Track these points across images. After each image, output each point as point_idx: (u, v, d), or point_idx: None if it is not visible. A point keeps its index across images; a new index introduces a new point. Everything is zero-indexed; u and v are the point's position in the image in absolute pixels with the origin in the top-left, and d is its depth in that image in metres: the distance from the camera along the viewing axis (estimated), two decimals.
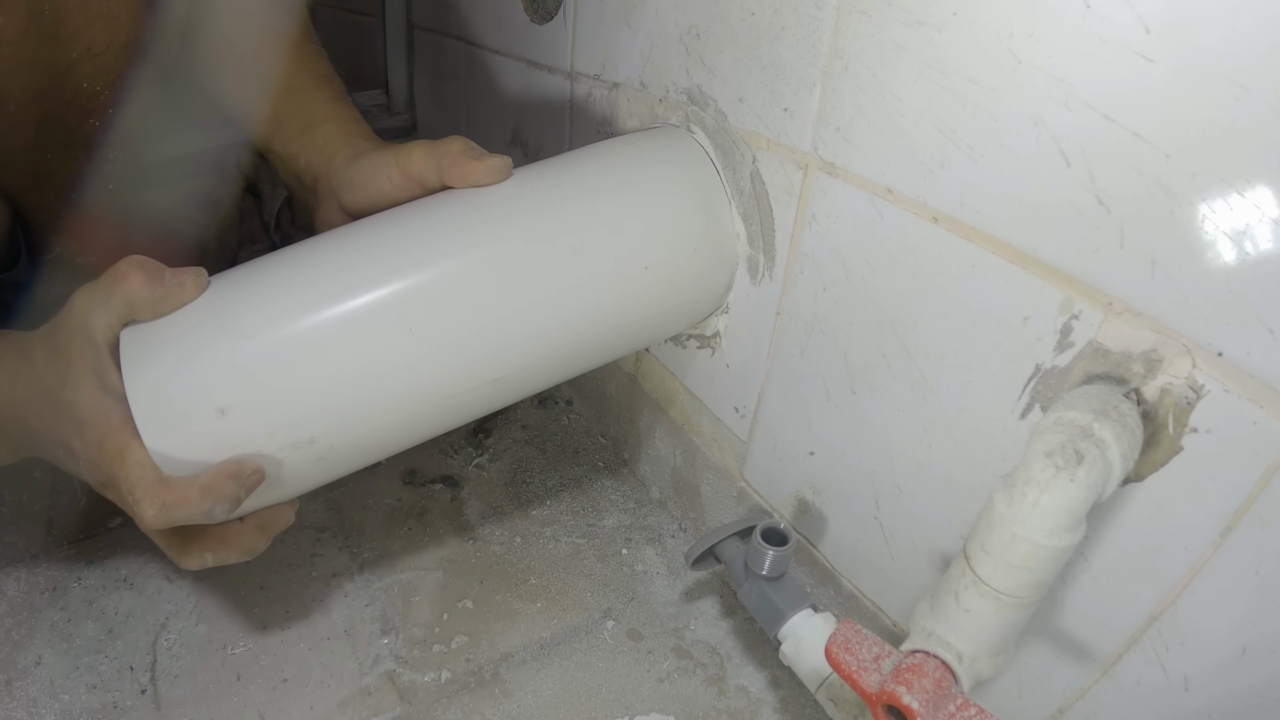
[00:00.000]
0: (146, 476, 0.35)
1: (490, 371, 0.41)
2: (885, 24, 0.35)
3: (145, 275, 0.36)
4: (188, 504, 0.35)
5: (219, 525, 0.39)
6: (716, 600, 0.57)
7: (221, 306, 0.38)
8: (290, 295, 0.38)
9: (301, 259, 0.40)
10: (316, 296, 0.38)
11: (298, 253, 0.40)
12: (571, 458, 0.70)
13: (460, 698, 0.49)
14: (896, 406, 0.40)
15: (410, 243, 0.40)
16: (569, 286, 0.41)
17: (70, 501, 0.61)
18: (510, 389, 0.43)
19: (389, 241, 0.40)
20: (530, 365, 0.42)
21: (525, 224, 0.41)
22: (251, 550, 0.40)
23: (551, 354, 0.42)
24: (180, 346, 0.36)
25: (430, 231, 0.40)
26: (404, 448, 0.43)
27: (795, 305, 0.45)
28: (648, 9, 0.50)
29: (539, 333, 0.41)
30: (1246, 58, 0.24)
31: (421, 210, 0.42)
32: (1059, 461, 0.27)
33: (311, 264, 0.40)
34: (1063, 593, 0.34)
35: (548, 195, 0.43)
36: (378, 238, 0.40)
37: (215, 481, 0.35)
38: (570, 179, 0.44)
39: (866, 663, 0.32)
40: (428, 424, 0.42)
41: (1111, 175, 0.28)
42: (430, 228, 0.41)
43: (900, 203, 0.37)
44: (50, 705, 0.46)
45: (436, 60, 0.88)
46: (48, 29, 0.48)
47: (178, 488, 0.35)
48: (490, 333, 0.40)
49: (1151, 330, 0.28)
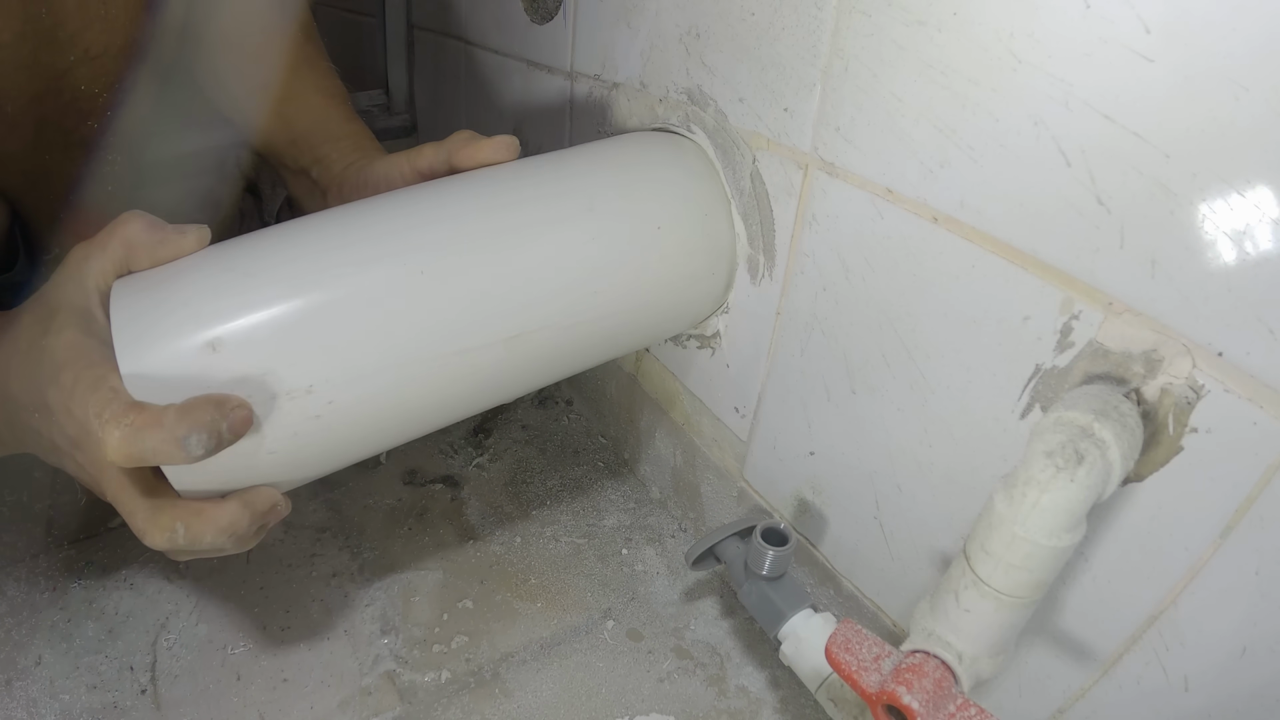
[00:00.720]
0: (118, 399, 0.31)
1: (503, 326, 0.39)
2: (885, 24, 0.35)
3: (146, 221, 0.35)
4: (159, 428, 0.30)
5: (190, 499, 0.35)
6: (716, 600, 0.57)
7: (225, 252, 0.36)
8: (295, 243, 0.37)
9: (309, 221, 0.39)
10: (324, 243, 0.37)
11: (305, 219, 0.40)
12: (571, 458, 0.70)
13: (460, 698, 0.49)
14: (896, 406, 0.40)
15: (422, 203, 0.40)
16: (577, 260, 0.41)
17: (70, 501, 0.61)
18: (523, 359, 0.41)
19: (402, 203, 0.40)
20: (542, 327, 0.40)
21: (534, 189, 0.42)
22: (232, 529, 0.34)
23: (560, 320, 0.41)
24: (175, 282, 0.34)
25: (441, 193, 0.41)
26: (408, 427, 0.40)
27: (795, 305, 0.45)
28: (648, 9, 0.50)
29: (551, 294, 0.40)
30: (1246, 58, 0.24)
31: (434, 183, 0.42)
32: (1059, 461, 0.27)
33: (320, 221, 0.39)
34: (1063, 593, 0.34)
35: (552, 173, 0.43)
36: (390, 200, 0.40)
37: (194, 405, 0.31)
38: (570, 173, 0.44)
39: (866, 663, 0.32)
40: (437, 392, 0.39)
41: (1111, 175, 0.28)
42: (440, 190, 0.41)
43: (900, 203, 0.37)
44: (50, 705, 0.46)
45: (436, 60, 0.88)
46: (45, 32, 0.48)
47: (150, 410, 0.31)
48: (504, 281, 0.39)
49: (1152, 330, 0.28)
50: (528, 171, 0.43)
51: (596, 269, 0.42)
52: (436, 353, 0.38)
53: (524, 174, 0.43)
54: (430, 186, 0.42)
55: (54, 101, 0.52)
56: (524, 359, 0.41)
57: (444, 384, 0.39)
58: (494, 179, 0.42)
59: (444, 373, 0.38)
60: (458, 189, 0.41)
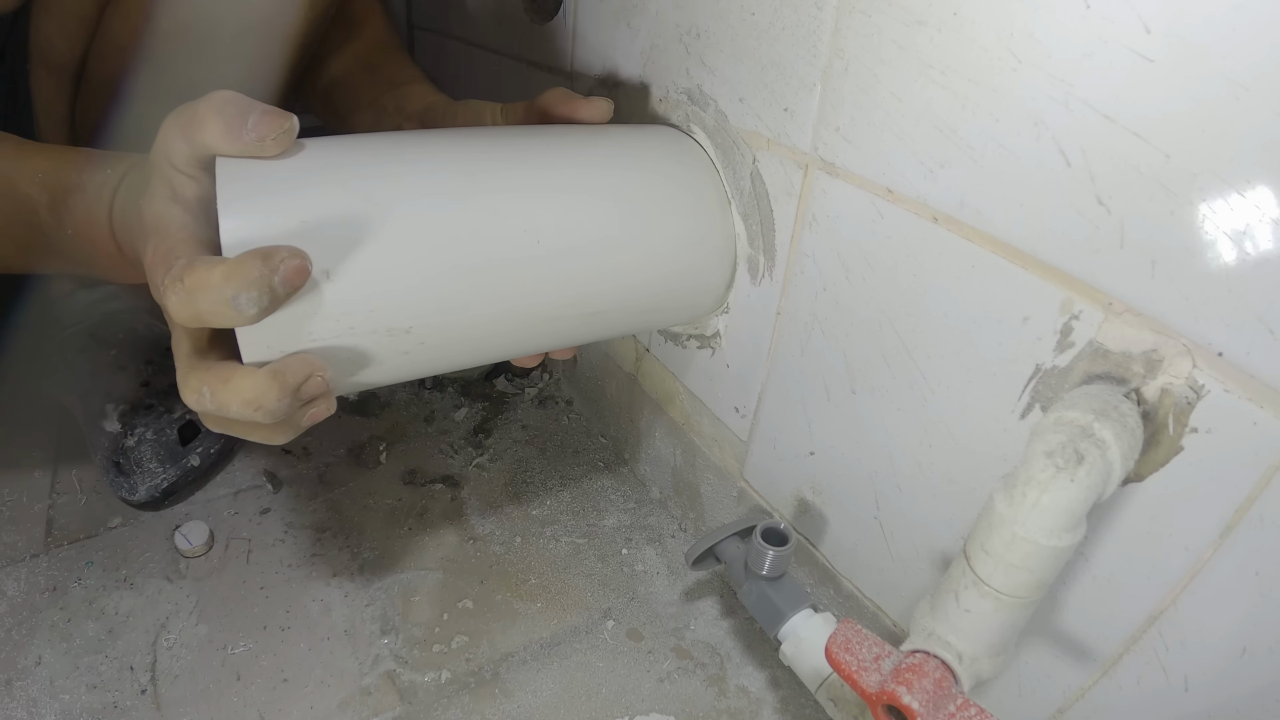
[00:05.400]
0: (178, 261, 0.31)
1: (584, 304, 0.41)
2: (885, 24, 0.35)
3: (224, 124, 0.32)
4: (208, 288, 0.29)
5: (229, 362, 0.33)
6: (716, 600, 0.57)
7: (333, 163, 0.35)
8: (422, 176, 0.36)
9: (429, 143, 0.38)
10: (451, 185, 0.36)
11: (421, 139, 0.39)
12: (571, 457, 0.70)
13: (460, 698, 0.49)
14: (896, 406, 0.40)
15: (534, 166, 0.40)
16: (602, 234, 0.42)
17: (70, 501, 0.61)
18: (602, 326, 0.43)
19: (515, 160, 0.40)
20: (612, 308, 0.43)
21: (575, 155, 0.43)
22: (259, 402, 0.32)
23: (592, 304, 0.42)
24: (289, 195, 0.33)
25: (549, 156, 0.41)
26: (477, 363, 0.42)
27: (795, 305, 0.45)
28: (648, 9, 0.50)
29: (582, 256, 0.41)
30: (1246, 58, 0.24)
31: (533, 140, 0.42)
32: (1059, 461, 0.27)
33: (441, 151, 0.38)
34: (1063, 593, 0.34)
35: (580, 147, 0.44)
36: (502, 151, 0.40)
37: (241, 262, 0.29)
38: (575, 153, 0.44)
39: (866, 663, 0.32)
40: (516, 343, 0.41)
41: (1111, 175, 0.28)
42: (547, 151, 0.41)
43: (900, 203, 0.37)
44: (50, 705, 0.46)
45: (436, 60, 0.88)
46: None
47: (200, 270, 0.30)
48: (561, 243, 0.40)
49: (1151, 330, 0.28)
50: (570, 138, 0.44)
51: (614, 242, 0.42)
52: (534, 318, 0.40)
53: (570, 142, 0.44)
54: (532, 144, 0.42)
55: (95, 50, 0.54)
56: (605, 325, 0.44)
57: (530, 338, 0.41)
58: (552, 140, 0.43)
59: (533, 331, 0.41)
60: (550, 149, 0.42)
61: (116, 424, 0.60)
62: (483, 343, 0.40)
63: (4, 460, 0.64)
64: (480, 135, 0.41)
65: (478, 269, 0.37)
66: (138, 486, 0.59)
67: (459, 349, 0.39)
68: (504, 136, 0.42)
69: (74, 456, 0.64)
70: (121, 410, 0.61)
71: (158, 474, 0.60)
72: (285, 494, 0.64)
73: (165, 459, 0.60)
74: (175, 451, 0.61)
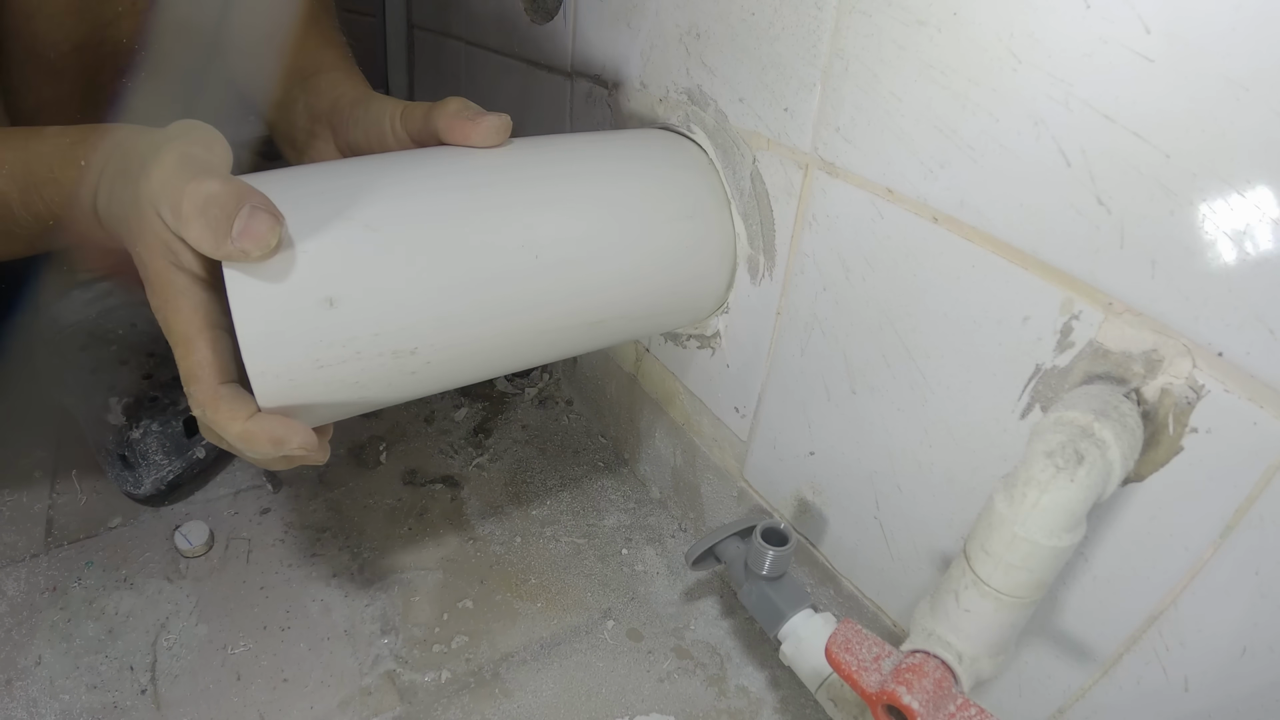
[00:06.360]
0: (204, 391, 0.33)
1: (576, 307, 0.41)
2: (885, 24, 0.35)
3: (208, 230, 0.31)
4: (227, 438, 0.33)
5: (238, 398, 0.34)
6: (716, 600, 0.57)
7: (328, 190, 0.35)
8: (417, 198, 0.37)
9: (420, 165, 0.39)
10: (447, 206, 0.37)
11: (411, 160, 0.39)
12: (571, 458, 0.70)
13: (460, 698, 0.49)
14: (896, 406, 0.40)
15: (532, 184, 0.40)
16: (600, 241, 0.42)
17: (70, 501, 0.61)
18: (605, 334, 0.44)
19: (513, 177, 0.40)
20: (614, 316, 0.43)
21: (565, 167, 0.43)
22: (249, 438, 0.33)
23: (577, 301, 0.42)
24: (295, 227, 0.33)
25: (547, 177, 0.41)
26: (485, 377, 0.42)
27: (795, 305, 0.45)
28: (648, 9, 0.50)
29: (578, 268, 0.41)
30: (1246, 58, 0.24)
31: (528, 154, 0.42)
32: (1059, 461, 0.27)
33: (433, 172, 0.38)
34: (1063, 593, 0.34)
35: (571, 155, 0.43)
36: (503, 170, 0.40)
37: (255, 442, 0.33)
38: (570, 164, 0.44)
39: (866, 663, 0.32)
40: (520, 356, 0.41)
41: (1111, 175, 0.28)
42: (543, 171, 0.42)
43: (900, 203, 0.37)
44: (50, 705, 0.46)
45: (436, 60, 0.88)
46: None
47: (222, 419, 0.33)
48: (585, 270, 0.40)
49: (1151, 330, 0.28)
50: (563, 148, 0.44)
51: (614, 251, 0.42)
52: (535, 336, 0.40)
53: (559, 151, 0.44)
54: (528, 158, 0.42)
55: (95, 53, 0.52)
56: (611, 332, 0.44)
57: (508, 346, 0.41)
58: (545, 152, 0.43)
59: (533, 349, 0.41)
60: (544, 162, 0.42)
61: (121, 417, 0.61)
62: (488, 358, 0.40)
63: (4, 460, 0.64)
64: (474, 153, 0.42)
65: (478, 287, 0.37)
66: (143, 480, 0.59)
67: (465, 366, 0.40)
68: (499, 153, 0.42)
69: (74, 456, 0.64)
70: (125, 404, 0.61)
71: (164, 466, 0.60)
72: (285, 494, 0.64)
73: (171, 451, 0.60)
74: (181, 443, 0.61)
